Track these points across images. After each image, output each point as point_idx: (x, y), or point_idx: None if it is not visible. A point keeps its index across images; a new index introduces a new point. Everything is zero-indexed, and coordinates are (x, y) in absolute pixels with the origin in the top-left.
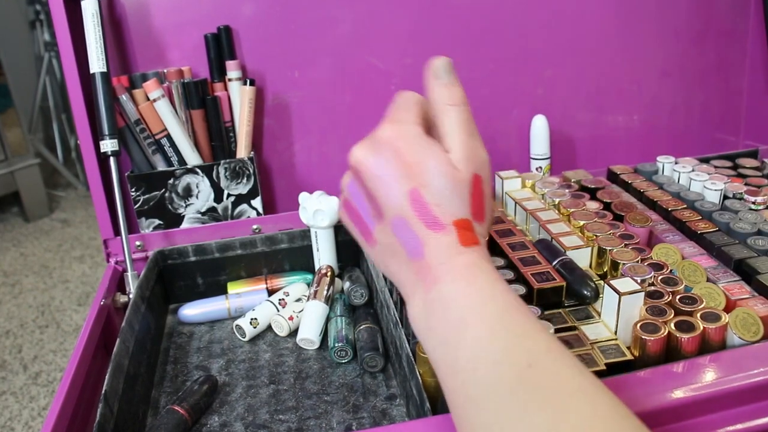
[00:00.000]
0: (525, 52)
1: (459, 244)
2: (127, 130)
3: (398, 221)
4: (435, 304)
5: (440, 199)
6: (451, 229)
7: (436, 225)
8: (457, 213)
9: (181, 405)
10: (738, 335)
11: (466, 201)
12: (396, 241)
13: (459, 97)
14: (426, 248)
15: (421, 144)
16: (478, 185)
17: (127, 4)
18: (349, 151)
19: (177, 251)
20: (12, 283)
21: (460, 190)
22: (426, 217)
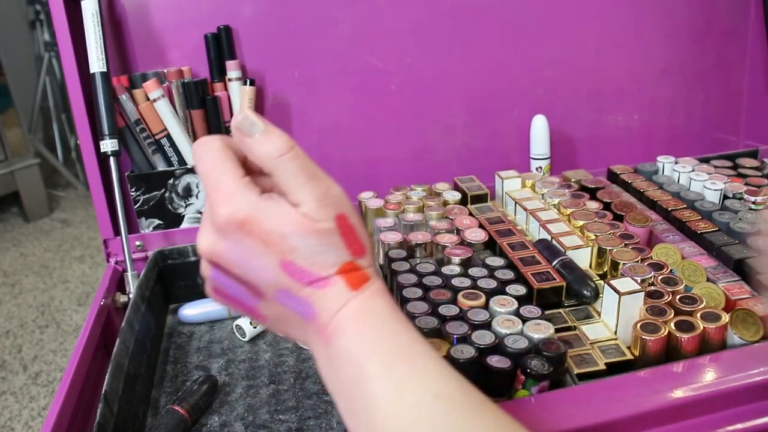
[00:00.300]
0: (525, 52)
1: (350, 290)
2: (127, 130)
3: (281, 294)
4: (335, 362)
5: (313, 257)
6: (337, 279)
7: (320, 282)
8: (337, 261)
9: (181, 405)
10: (738, 335)
11: (340, 245)
12: (286, 310)
13: (282, 144)
14: (316, 307)
15: (267, 212)
16: (345, 224)
17: (127, 4)
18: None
19: (177, 251)
20: (12, 283)
21: (329, 239)
22: (307, 279)
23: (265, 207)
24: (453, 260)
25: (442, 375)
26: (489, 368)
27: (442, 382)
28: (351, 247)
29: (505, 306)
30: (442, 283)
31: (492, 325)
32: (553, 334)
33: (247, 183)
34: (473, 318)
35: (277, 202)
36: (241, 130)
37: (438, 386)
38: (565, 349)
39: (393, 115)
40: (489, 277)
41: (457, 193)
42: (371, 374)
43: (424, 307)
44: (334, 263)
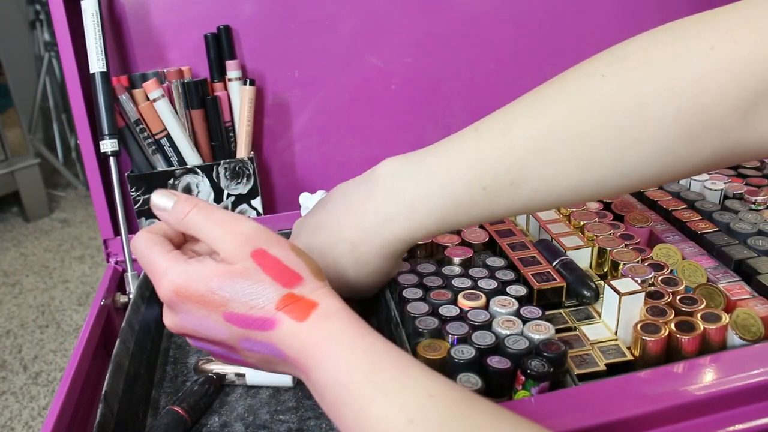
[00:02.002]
0: (525, 52)
1: (298, 323)
2: (126, 130)
3: (245, 343)
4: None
5: (247, 302)
6: (281, 317)
7: (266, 323)
8: (272, 298)
9: (181, 405)
10: (738, 336)
11: (267, 281)
12: (260, 355)
13: (183, 204)
14: (280, 347)
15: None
16: (265, 258)
17: (127, 4)
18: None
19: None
20: (12, 283)
21: (254, 279)
22: (255, 325)
23: (192, 270)
24: (453, 260)
25: (428, 376)
26: (489, 369)
27: (430, 382)
28: (280, 279)
29: (505, 306)
30: (443, 283)
31: (492, 325)
32: (553, 335)
33: (174, 256)
34: (473, 319)
35: (201, 260)
36: (157, 208)
37: (427, 386)
38: (565, 350)
39: (393, 115)
40: (489, 277)
41: None
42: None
43: (425, 308)
44: (270, 300)
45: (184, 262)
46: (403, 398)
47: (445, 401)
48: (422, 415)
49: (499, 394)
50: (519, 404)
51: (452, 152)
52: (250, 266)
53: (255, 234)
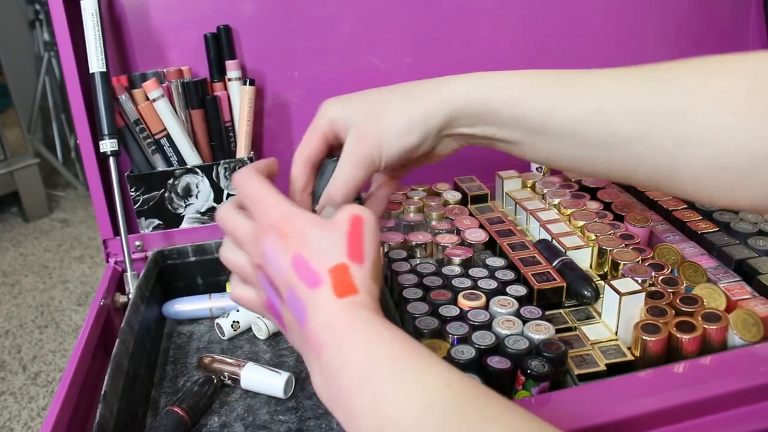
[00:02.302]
0: (524, 52)
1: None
2: (126, 130)
3: (290, 294)
4: (328, 371)
5: (316, 250)
6: (327, 280)
7: (315, 281)
8: (332, 259)
9: (180, 406)
10: (739, 336)
11: (342, 243)
12: (291, 317)
13: None
14: (308, 311)
15: (291, 209)
16: (357, 226)
17: (127, 4)
18: None
19: (177, 251)
20: (11, 283)
21: (335, 234)
22: (306, 275)
23: (292, 206)
24: (453, 260)
25: (447, 369)
26: (489, 369)
27: (449, 374)
28: (351, 247)
29: (505, 306)
30: (443, 283)
31: (492, 325)
32: (553, 335)
33: (274, 191)
34: (473, 319)
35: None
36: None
37: (447, 377)
38: (565, 350)
39: None
40: (489, 277)
41: (457, 193)
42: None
43: (425, 308)
44: (328, 262)
45: (284, 198)
46: (422, 386)
47: (462, 391)
48: (439, 402)
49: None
50: (519, 404)
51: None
52: (341, 223)
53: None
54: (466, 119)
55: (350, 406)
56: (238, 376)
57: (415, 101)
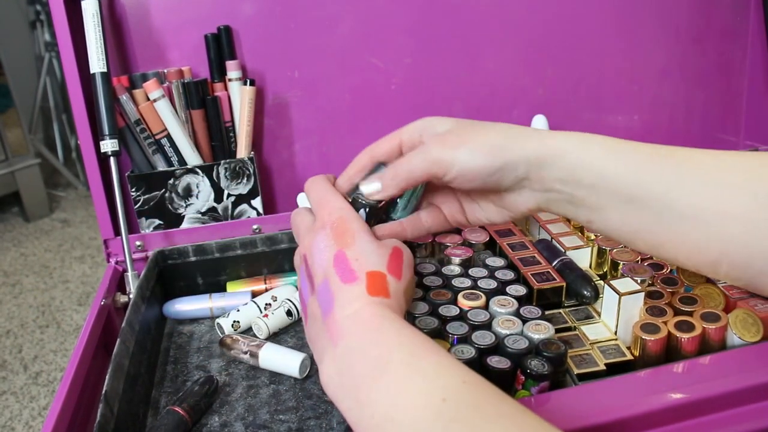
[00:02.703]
0: (525, 52)
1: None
2: (127, 130)
3: (323, 286)
4: (343, 360)
5: (360, 254)
6: (363, 279)
7: (351, 277)
8: (373, 266)
9: (181, 406)
10: (738, 335)
11: (384, 258)
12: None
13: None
14: (335, 302)
15: (350, 217)
16: (398, 252)
17: (127, 4)
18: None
19: (177, 251)
20: (12, 283)
21: (381, 248)
22: (344, 271)
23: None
24: (453, 260)
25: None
26: (489, 369)
27: (466, 372)
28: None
29: (505, 306)
30: (443, 283)
31: (492, 325)
32: (553, 335)
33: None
34: (473, 318)
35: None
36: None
37: (462, 374)
38: (565, 350)
39: (393, 115)
40: (489, 277)
41: None
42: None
43: (425, 308)
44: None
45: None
46: (439, 381)
47: (477, 389)
48: (456, 396)
49: None
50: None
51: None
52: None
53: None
54: (556, 170)
55: (362, 395)
56: (257, 355)
57: (511, 129)
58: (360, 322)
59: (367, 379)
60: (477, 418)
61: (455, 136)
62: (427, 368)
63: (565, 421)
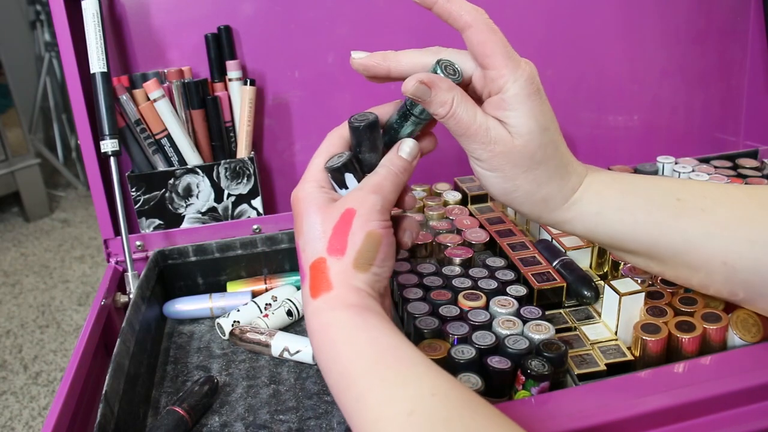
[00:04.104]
0: (525, 52)
1: (310, 297)
2: (127, 130)
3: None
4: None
5: (306, 241)
6: (306, 276)
7: (303, 275)
8: (314, 252)
9: (181, 406)
10: (739, 336)
11: (326, 235)
12: None
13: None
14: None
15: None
16: (346, 217)
17: (128, 4)
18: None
19: (177, 251)
20: (12, 283)
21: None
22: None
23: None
24: (453, 261)
25: (433, 375)
26: (489, 369)
27: (434, 381)
28: (332, 240)
29: (505, 307)
30: (443, 283)
31: (492, 325)
32: (553, 335)
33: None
34: (474, 319)
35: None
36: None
37: (431, 384)
38: (565, 350)
39: None
40: (489, 277)
41: (457, 193)
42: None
43: (425, 308)
44: (312, 255)
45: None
46: (404, 391)
47: (447, 401)
48: (423, 410)
49: (499, 394)
50: (519, 404)
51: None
52: (334, 214)
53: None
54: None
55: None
56: (269, 344)
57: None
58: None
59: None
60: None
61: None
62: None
63: (565, 421)
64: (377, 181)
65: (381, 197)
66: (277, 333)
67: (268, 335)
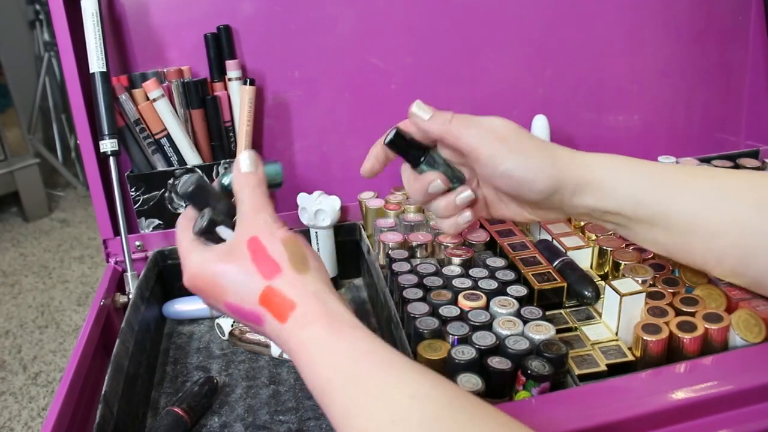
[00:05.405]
0: (525, 52)
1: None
2: (126, 130)
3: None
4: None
5: (239, 292)
6: (265, 314)
7: (257, 319)
8: (255, 290)
9: (180, 406)
10: (740, 336)
11: (252, 271)
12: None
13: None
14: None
15: (200, 264)
16: (255, 244)
17: (127, 4)
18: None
19: (177, 251)
20: (11, 284)
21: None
22: (249, 318)
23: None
24: (454, 261)
25: (413, 377)
26: (490, 369)
27: (414, 384)
28: (263, 269)
29: (505, 307)
30: (443, 283)
31: (493, 326)
32: (554, 335)
33: (194, 243)
34: (474, 319)
35: (212, 247)
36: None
37: (411, 387)
38: (566, 350)
39: (393, 115)
40: (490, 277)
41: None
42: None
43: (425, 308)
44: (255, 292)
45: (199, 248)
46: (384, 399)
47: (428, 404)
48: (404, 416)
49: (499, 395)
50: (519, 405)
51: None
52: (243, 255)
53: (256, 222)
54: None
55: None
56: (269, 345)
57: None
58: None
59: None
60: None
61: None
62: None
63: (566, 421)
64: (249, 204)
65: (264, 212)
66: None
67: None
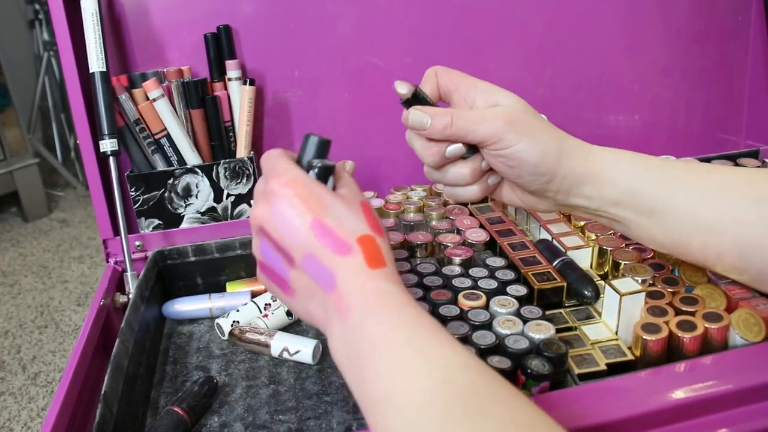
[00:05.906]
0: (525, 52)
1: (367, 267)
2: (126, 130)
3: (308, 259)
4: (350, 334)
5: (340, 219)
6: (357, 249)
7: (343, 248)
8: (358, 229)
9: (180, 406)
10: (740, 335)
11: (362, 217)
12: (310, 280)
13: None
14: (337, 278)
15: (308, 181)
16: (367, 206)
17: (127, 4)
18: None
19: (176, 251)
20: (11, 284)
21: (354, 209)
22: (332, 242)
23: (309, 178)
24: (453, 260)
25: (467, 352)
26: None
27: (469, 356)
28: (371, 222)
29: (505, 306)
30: (443, 283)
31: (493, 325)
32: (553, 335)
33: (295, 164)
34: (474, 318)
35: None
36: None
37: (466, 358)
38: (565, 350)
39: (393, 115)
40: (489, 277)
41: None
42: (396, 344)
43: (425, 308)
44: (356, 231)
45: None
46: (440, 362)
47: (479, 374)
48: (457, 379)
49: None
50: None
51: None
52: (355, 203)
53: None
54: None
55: (366, 371)
56: (269, 345)
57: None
58: (364, 299)
59: (369, 358)
60: (475, 402)
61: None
62: (429, 349)
63: (565, 421)
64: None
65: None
66: (276, 333)
67: (268, 335)
